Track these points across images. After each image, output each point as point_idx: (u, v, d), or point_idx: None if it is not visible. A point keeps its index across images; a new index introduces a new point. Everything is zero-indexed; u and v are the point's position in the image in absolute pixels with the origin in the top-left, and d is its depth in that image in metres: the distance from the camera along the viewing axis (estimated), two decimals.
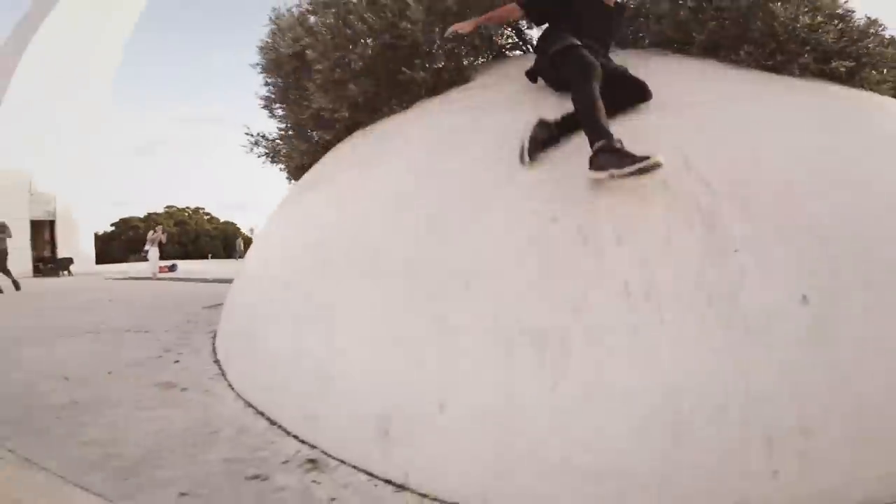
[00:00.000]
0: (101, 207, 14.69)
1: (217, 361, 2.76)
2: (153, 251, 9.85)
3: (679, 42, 2.53)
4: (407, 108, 2.76)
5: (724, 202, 1.50)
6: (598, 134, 1.53)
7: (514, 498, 1.29)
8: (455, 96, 2.48)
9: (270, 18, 4.03)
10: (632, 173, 1.41)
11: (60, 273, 12.10)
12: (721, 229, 1.44)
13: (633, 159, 1.42)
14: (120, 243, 27.21)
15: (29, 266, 11.68)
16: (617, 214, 1.53)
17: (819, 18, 2.25)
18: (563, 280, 1.45)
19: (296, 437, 1.73)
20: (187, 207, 33.52)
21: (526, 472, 1.28)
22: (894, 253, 1.43)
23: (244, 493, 1.37)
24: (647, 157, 1.39)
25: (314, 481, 1.44)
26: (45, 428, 1.81)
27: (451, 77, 2.65)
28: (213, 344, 3.29)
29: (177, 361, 2.87)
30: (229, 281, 8.09)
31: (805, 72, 2.27)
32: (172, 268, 12.07)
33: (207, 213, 34.71)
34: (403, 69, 2.61)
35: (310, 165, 3.77)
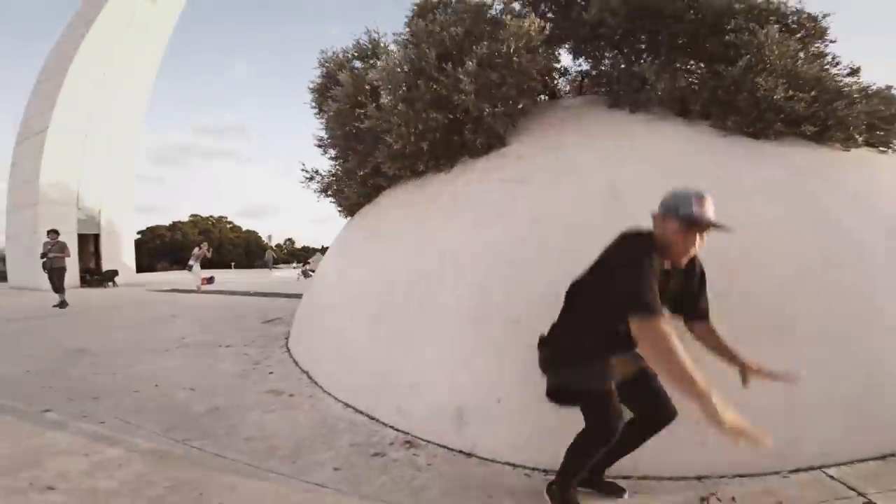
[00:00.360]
0: (128, 217, 15.88)
1: (306, 372, 3.58)
2: (197, 265, 10.95)
3: (678, 110, 3.22)
4: (452, 165, 3.55)
5: None
6: (566, 473, 1.75)
7: (541, 454, 2.02)
8: (494, 163, 3.23)
9: (323, 64, 4.89)
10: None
11: (105, 284, 13.36)
12: None
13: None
14: (147, 251, 29.01)
15: (76, 278, 12.97)
16: None
17: (790, 92, 2.90)
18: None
19: (392, 426, 2.52)
20: (211, 216, 35.35)
21: (547, 441, 2.01)
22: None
23: (374, 465, 2.16)
24: None
25: (414, 454, 2.23)
26: (210, 430, 2.60)
27: (492, 141, 3.40)
28: (291, 356, 4.14)
29: (271, 373, 3.71)
30: (270, 295, 9.14)
31: (779, 135, 2.93)
32: (211, 280, 13.19)
33: (230, 222, 36.54)
34: (456, 137, 3.39)
35: (362, 204, 4.61)
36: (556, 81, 4.40)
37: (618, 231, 1.83)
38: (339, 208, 5.40)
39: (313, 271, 15.34)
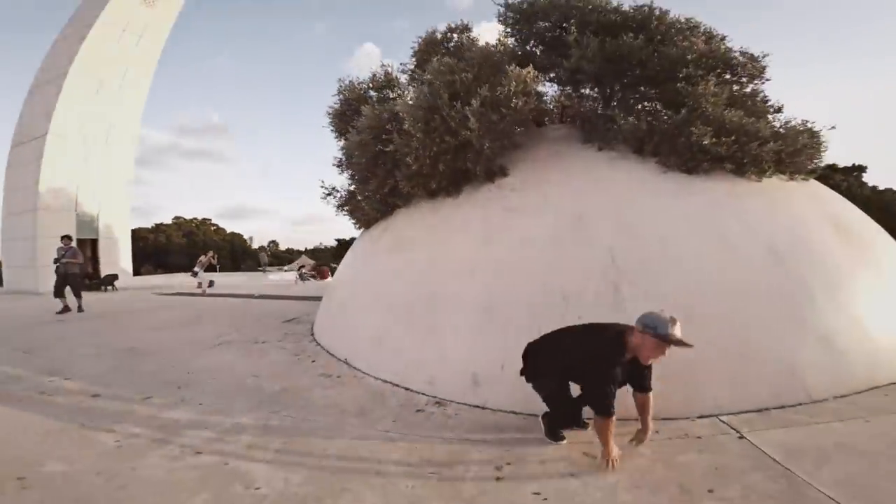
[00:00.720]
0: (125, 221, 16.55)
1: (344, 360, 4.58)
2: (202, 272, 11.84)
3: (635, 148, 4.31)
4: (459, 191, 4.58)
5: (616, 249, 3.30)
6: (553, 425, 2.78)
7: (534, 405, 3.07)
8: (495, 194, 4.29)
9: (341, 92, 5.88)
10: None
11: (104, 288, 14.05)
12: (616, 274, 3.24)
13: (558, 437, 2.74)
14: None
15: None
16: (568, 278, 3.33)
17: (715, 139, 3.99)
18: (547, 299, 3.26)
19: (423, 393, 3.57)
20: (195, 218, 35.83)
21: (537, 396, 3.07)
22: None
23: (418, 417, 3.21)
24: (563, 438, 2.72)
25: (444, 410, 3.29)
26: (290, 404, 3.54)
27: (491, 170, 4.44)
28: (323, 349, 5.12)
29: (314, 361, 4.71)
30: (278, 298, 10.12)
31: (707, 171, 4.03)
32: (211, 284, 14.01)
33: (214, 224, 37.05)
34: (461, 164, 4.42)
35: (377, 219, 5.62)
36: (545, 119, 5.47)
37: (580, 250, 2.88)
38: (355, 221, 6.40)
39: (314, 276, 16.27)
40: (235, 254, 30.39)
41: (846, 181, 19.21)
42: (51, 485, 2.35)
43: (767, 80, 5.05)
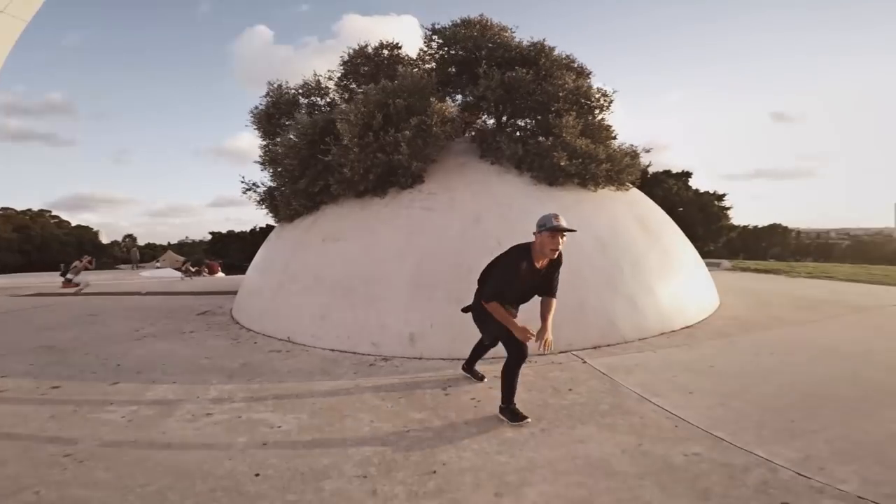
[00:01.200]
0: None
1: (286, 338, 5.32)
2: (77, 277, 10.81)
3: (516, 165, 5.83)
4: (385, 193, 5.64)
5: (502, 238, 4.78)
6: (507, 399, 3.05)
7: (457, 353, 4.35)
8: (416, 196, 5.46)
9: (269, 95, 6.48)
10: (517, 425, 2.91)
11: None
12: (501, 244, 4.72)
13: (519, 417, 2.94)
14: None
15: None
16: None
17: (567, 161, 5.66)
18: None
19: (370, 354, 4.61)
20: (28, 210, 29.94)
21: (459, 346, 4.36)
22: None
23: (373, 369, 4.24)
24: (526, 418, 2.93)
25: (390, 363, 4.37)
26: (258, 373, 4.31)
27: (414, 177, 5.58)
28: (257, 332, 5.74)
29: (256, 342, 5.36)
30: (168, 294, 10.12)
31: (563, 184, 5.70)
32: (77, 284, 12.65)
33: (54, 217, 31.37)
34: (391, 177, 5.48)
35: (301, 214, 6.38)
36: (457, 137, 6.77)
37: (478, 240, 4.24)
38: (276, 215, 7.00)
39: (198, 271, 15.44)
40: (84, 250, 26.25)
41: (676, 185, 24.09)
42: (100, 455, 2.64)
43: (612, 112, 7.00)
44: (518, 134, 6.28)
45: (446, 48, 6.74)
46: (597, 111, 6.77)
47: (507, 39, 6.64)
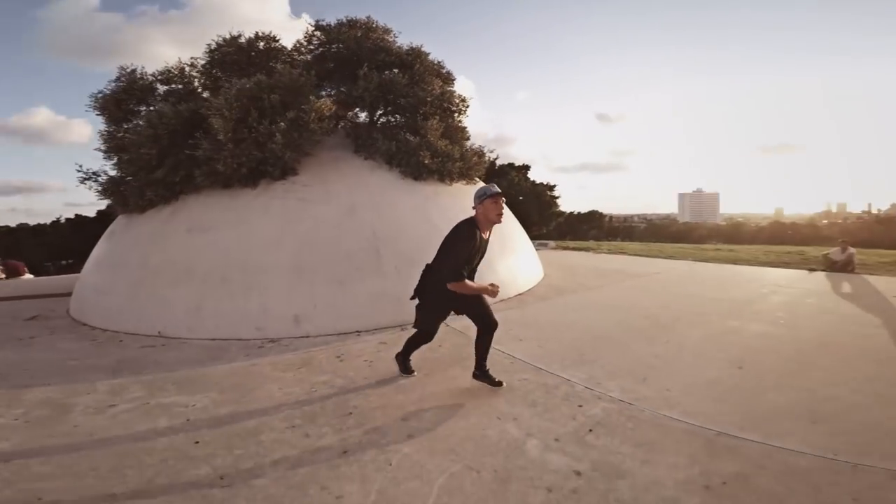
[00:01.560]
0: None
1: (158, 333, 5.24)
2: None
3: (388, 161, 6.58)
4: (256, 184, 5.85)
5: (376, 227, 5.61)
6: (405, 353, 3.73)
7: (340, 327, 5.02)
8: (290, 187, 5.81)
9: (120, 79, 6.02)
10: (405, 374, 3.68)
11: None
12: (376, 242, 5.55)
13: (407, 370, 3.70)
14: None
15: None
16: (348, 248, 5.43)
17: (431, 159, 6.65)
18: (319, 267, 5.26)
19: (256, 338, 4.93)
20: None
21: (342, 322, 5.04)
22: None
23: (264, 350, 4.61)
24: (413, 372, 3.71)
25: (280, 343, 4.80)
26: (141, 368, 4.32)
27: (287, 169, 5.90)
28: (120, 332, 5.48)
29: (121, 341, 5.15)
30: None
31: (426, 178, 6.68)
32: None
33: None
34: (263, 168, 5.71)
35: (155, 204, 6.16)
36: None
37: (354, 229, 4.97)
38: (122, 206, 6.51)
39: (2, 275, 12.27)
40: None
41: (518, 176, 27.36)
42: (24, 453, 2.67)
43: (468, 116, 8.19)
44: (394, 132, 7.03)
45: (328, 45, 7.09)
46: (456, 114, 7.90)
47: (388, 43, 7.30)
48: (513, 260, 7.30)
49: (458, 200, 7.00)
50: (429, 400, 3.29)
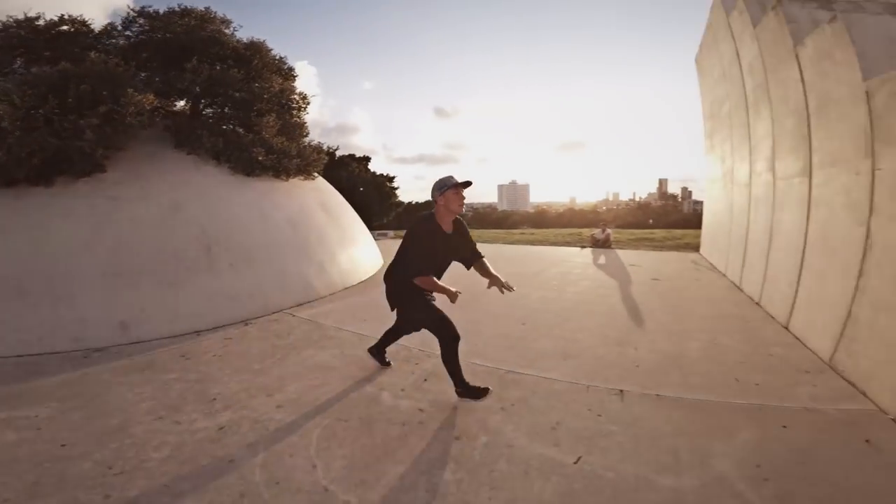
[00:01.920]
0: None
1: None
2: None
3: (215, 157, 6.49)
4: (52, 182, 5.25)
5: (205, 225, 5.73)
6: (460, 382, 3.27)
7: (180, 328, 5.03)
8: (97, 185, 5.37)
9: None
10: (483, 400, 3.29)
11: None
12: (206, 240, 5.67)
13: (481, 392, 3.31)
14: None
15: None
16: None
17: (265, 156, 6.80)
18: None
19: (77, 349, 4.58)
20: None
21: (179, 322, 5.06)
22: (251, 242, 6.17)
23: (93, 360, 4.36)
24: (488, 389, 3.35)
25: (100, 353, 4.58)
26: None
27: (95, 168, 5.41)
28: None
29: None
30: None
31: (259, 175, 6.82)
32: None
33: None
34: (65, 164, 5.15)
35: None
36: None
37: (180, 227, 5.03)
38: None
39: None
40: None
41: (358, 167, 27.27)
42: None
43: (307, 113, 8.35)
44: (222, 126, 6.87)
45: (152, 33, 6.47)
46: (295, 111, 8.04)
47: (225, 37, 6.99)
48: (354, 250, 7.97)
49: (294, 196, 7.35)
50: (289, 376, 3.80)
